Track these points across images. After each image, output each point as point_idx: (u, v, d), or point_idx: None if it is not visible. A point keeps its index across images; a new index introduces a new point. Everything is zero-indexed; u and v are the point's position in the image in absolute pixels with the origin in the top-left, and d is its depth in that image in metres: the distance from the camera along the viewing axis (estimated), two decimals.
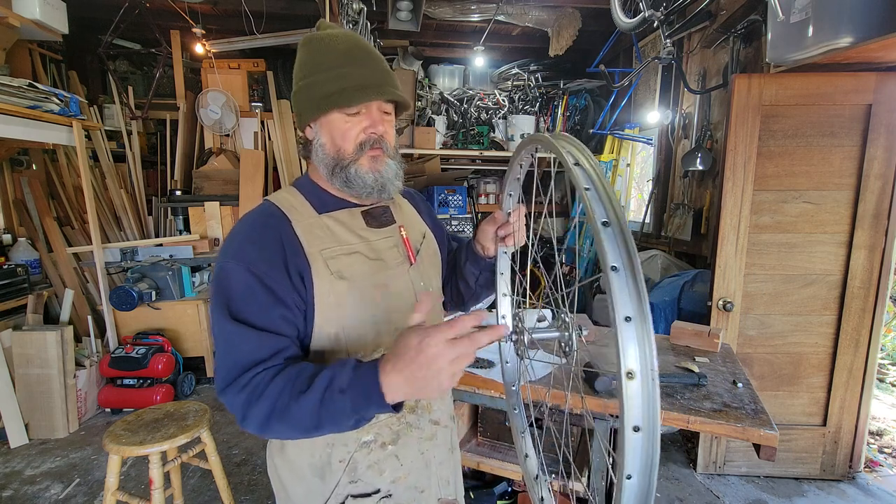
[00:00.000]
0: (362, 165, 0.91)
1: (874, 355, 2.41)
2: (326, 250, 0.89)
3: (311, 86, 0.89)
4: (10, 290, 3.21)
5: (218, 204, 4.34)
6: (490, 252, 1.09)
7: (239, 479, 2.58)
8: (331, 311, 0.88)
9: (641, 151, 4.80)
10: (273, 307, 0.83)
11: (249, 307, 0.82)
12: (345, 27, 3.34)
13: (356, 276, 0.90)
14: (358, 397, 0.71)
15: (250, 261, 0.83)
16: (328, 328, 0.88)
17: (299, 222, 0.90)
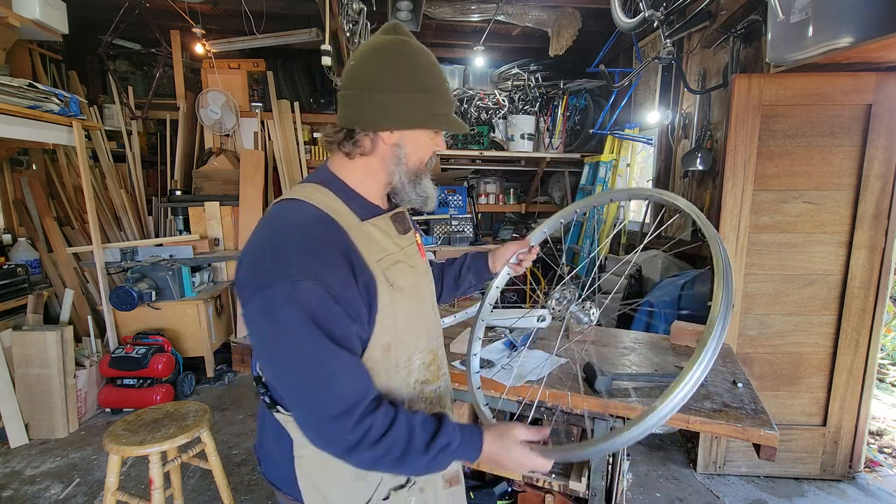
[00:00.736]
0: (426, 178, 0.98)
1: (874, 355, 2.41)
2: (381, 261, 0.89)
3: (421, 100, 0.88)
4: (10, 290, 3.20)
5: (218, 204, 4.34)
6: (497, 269, 1.25)
7: (239, 479, 2.58)
8: (388, 321, 0.89)
9: (641, 151, 4.80)
10: (350, 326, 0.82)
11: (336, 326, 0.79)
12: (344, 27, 3.34)
13: (406, 285, 0.93)
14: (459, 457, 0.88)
15: (321, 277, 0.78)
16: (383, 338, 0.89)
17: (351, 230, 0.86)
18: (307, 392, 0.79)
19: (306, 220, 0.84)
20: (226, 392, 3.66)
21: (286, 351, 0.78)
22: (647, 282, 3.62)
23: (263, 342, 0.82)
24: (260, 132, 4.84)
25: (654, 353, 1.70)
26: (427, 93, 0.88)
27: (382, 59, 0.87)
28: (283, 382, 0.82)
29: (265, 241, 0.84)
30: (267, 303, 0.77)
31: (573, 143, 5.25)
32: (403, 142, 0.91)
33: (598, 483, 1.45)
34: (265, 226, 0.87)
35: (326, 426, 0.79)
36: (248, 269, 0.82)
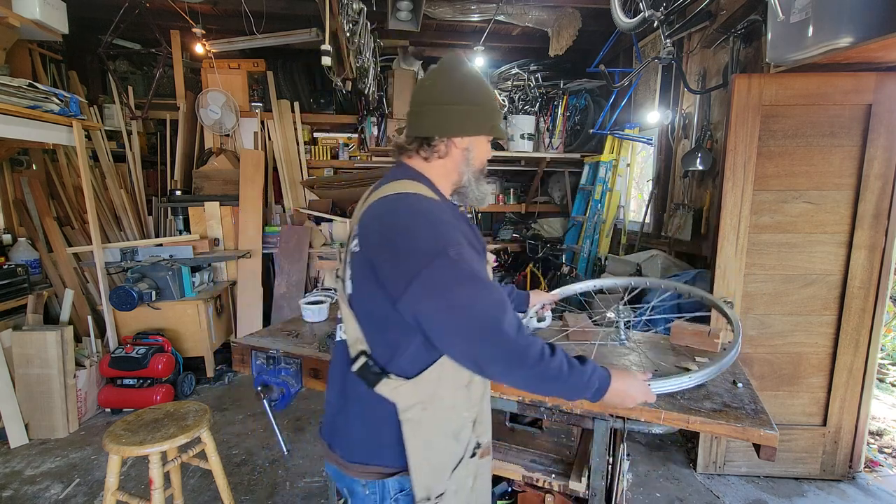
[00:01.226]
0: (484, 180, 1.20)
1: (874, 355, 2.41)
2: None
3: (488, 111, 1.12)
4: (10, 290, 3.20)
5: (218, 204, 4.34)
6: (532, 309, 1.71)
7: (239, 479, 2.58)
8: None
9: (641, 151, 4.80)
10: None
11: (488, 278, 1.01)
12: (344, 27, 3.34)
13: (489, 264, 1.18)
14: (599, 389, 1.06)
15: (470, 242, 1.01)
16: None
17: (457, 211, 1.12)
18: (495, 324, 0.93)
19: (433, 205, 1.04)
20: (226, 392, 3.66)
21: (469, 297, 0.93)
22: None
23: (449, 301, 0.94)
24: (260, 132, 4.85)
25: (655, 353, 1.70)
26: (483, 105, 1.12)
27: (450, 80, 1.11)
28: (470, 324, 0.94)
29: (414, 223, 0.99)
30: (442, 269, 0.94)
31: (573, 143, 5.25)
32: (471, 146, 1.13)
33: (598, 483, 1.45)
34: (403, 212, 1.02)
35: (518, 338, 0.94)
36: (413, 248, 0.96)
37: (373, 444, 1.07)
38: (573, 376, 1.01)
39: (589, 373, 1.04)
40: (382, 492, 1.07)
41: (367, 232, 1.03)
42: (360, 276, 1.04)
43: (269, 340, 1.84)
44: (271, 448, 2.89)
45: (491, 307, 0.95)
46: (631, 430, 1.40)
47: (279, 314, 4.28)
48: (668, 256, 3.68)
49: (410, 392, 1.02)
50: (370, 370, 1.04)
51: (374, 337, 1.05)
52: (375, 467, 1.07)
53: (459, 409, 1.08)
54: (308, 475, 2.63)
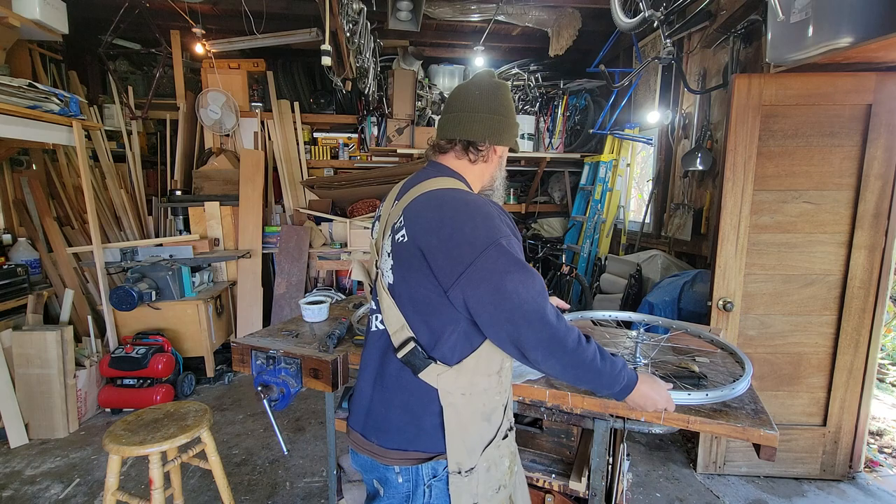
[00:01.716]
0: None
1: (874, 355, 2.41)
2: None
3: (516, 126, 1.28)
4: (10, 290, 3.20)
5: (218, 204, 4.34)
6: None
7: (239, 479, 2.58)
8: None
9: (641, 151, 4.80)
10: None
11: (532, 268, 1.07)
12: (344, 27, 3.34)
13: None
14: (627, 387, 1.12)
15: (515, 234, 1.09)
16: None
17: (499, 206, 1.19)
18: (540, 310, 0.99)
19: (481, 199, 1.12)
20: (226, 392, 3.66)
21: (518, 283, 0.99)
22: (647, 282, 3.62)
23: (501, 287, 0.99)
24: (260, 132, 4.85)
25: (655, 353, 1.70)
26: (515, 120, 1.27)
27: (498, 94, 1.23)
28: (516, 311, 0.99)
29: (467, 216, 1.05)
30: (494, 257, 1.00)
31: (573, 143, 5.25)
32: (503, 154, 1.28)
33: (598, 483, 1.45)
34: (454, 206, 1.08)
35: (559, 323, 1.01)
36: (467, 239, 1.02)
37: (413, 429, 1.12)
38: (606, 367, 1.07)
39: (619, 366, 1.10)
40: (416, 478, 1.12)
41: (417, 223, 1.08)
42: (407, 266, 1.08)
43: (269, 340, 1.84)
44: (271, 448, 2.89)
45: (537, 295, 1.00)
46: (631, 430, 1.40)
47: (279, 314, 4.28)
48: (668, 256, 3.68)
49: (452, 378, 1.09)
50: (418, 356, 1.09)
51: (418, 325, 1.10)
52: (414, 453, 1.12)
53: (492, 393, 1.14)
54: (308, 475, 2.63)
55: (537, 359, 1.03)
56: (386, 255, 1.14)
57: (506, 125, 1.23)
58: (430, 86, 5.49)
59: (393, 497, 1.14)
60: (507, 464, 1.19)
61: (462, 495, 1.11)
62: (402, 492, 1.13)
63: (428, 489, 1.12)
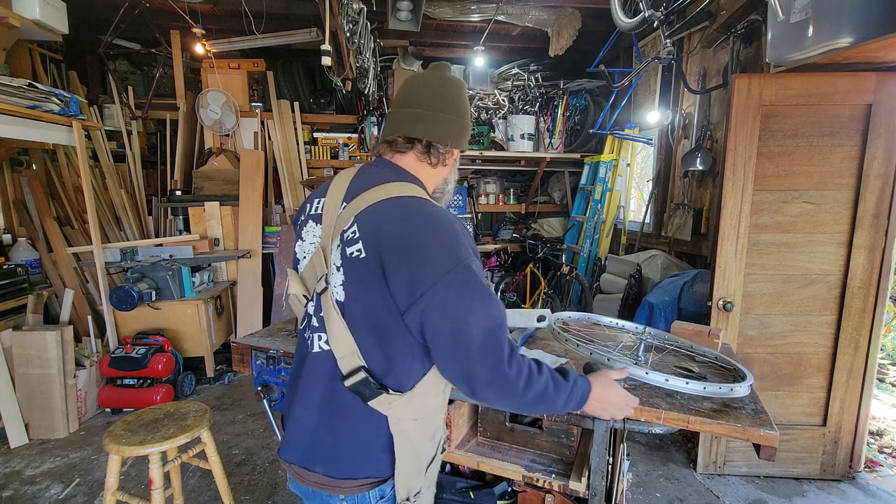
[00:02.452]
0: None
1: (874, 355, 2.41)
2: None
3: (468, 127, 1.20)
4: (10, 290, 3.20)
5: (218, 204, 4.34)
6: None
7: (239, 479, 2.58)
8: None
9: (641, 151, 4.80)
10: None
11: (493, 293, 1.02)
12: (344, 27, 3.34)
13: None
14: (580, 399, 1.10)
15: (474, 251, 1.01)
16: None
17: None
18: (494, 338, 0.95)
19: (447, 214, 1.04)
20: (226, 392, 3.66)
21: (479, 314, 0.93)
22: (647, 282, 3.62)
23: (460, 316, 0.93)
24: (260, 132, 4.85)
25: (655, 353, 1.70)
26: (469, 122, 1.20)
27: (458, 94, 1.15)
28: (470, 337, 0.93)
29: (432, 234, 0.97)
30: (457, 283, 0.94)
31: (573, 143, 5.25)
32: (457, 159, 1.22)
33: (598, 483, 1.45)
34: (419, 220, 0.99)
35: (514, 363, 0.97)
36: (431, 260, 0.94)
37: (363, 456, 1.04)
38: (558, 396, 1.04)
39: (570, 387, 1.06)
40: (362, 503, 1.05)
41: (375, 237, 0.96)
42: (365, 284, 0.97)
43: (269, 340, 1.84)
44: (271, 448, 2.89)
45: (498, 328, 0.95)
46: (631, 430, 1.40)
47: (279, 314, 4.28)
48: (668, 256, 3.68)
49: (405, 405, 1.02)
50: (368, 386, 0.99)
51: (371, 349, 0.99)
52: (363, 480, 1.04)
53: (439, 412, 1.11)
54: None
55: (488, 398, 1.00)
56: (335, 268, 1.02)
57: (465, 127, 1.18)
58: None
59: None
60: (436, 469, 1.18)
61: None
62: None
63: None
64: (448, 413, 1.64)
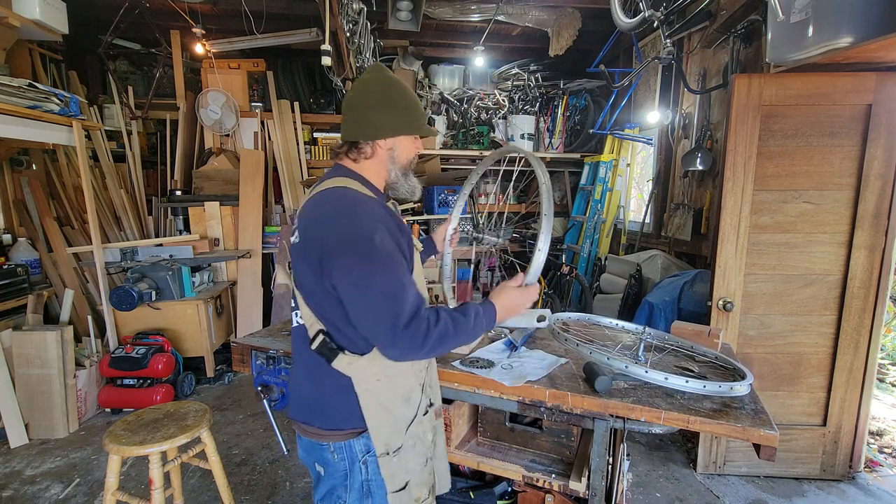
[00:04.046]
0: (411, 174, 1.33)
1: (874, 355, 2.41)
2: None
3: (406, 115, 1.24)
4: (10, 290, 3.20)
5: (218, 204, 4.34)
6: (440, 248, 1.74)
7: (239, 479, 2.58)
8: (416, 270, 1.23)
9: (641, 151, 4.80)
10: (404, 262, 1.13)
11: (400, 261, 1.10)
12: (344, 27, 3.34)
13: (417, 247, 1.30)
14: (488, 320, 1.18)
15: (388, 228, 1.10)
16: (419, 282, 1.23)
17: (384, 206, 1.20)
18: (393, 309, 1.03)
19: (359, 197, 1.15)
20: (226, 392, 3.66)
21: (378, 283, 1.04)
22: (647, 282, 3.62)
23: (359, 282, 1.05)
24: (260, 132, 4.84)
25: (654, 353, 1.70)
26: (404, 109, 1.24)
27: (372, 89, 1.23)
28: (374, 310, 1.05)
29: (338, 213, 1.11)
30: (359, 254, 1.05)
31: (573, 143, 5.25)
32: (395, 146, 1.26)
33: (598, 483, 1.45)
34: (330, 203, 1.14)
35: (408, 328, 1.03)
36: (334, 233, 1.08)
37: (345, 410, 1.17)
38: (460, 333, 1.11)
39: (472, 318, 1.14)
40: (350, 455, 1.18)
41: (303, 220, 1.16)
42: (301, 262, 1.15)
43: (269, 340, 1.84)
44: (271, 448, 2.89)
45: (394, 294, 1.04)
46: (631, 430, 1.40)
47: (279, 314, 4.28)
48: (668, 256, 3.68)
49: (365, 366, 1.15)
50: (327, 346, 1.15)
51: (321, 316, 1.16)
52: (350, 430, 1.18)
53: (408, 375, 1.22)
54: (308, 475, 2.63)
55: (394, 356, 1.09)
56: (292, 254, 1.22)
57: (385, 118, 1.22)
58: (431, 86, 5.49)
59: (333, 476, 1.20)
60: (431, 437, 1.29)
61: (396, 475, 1.19)
62: (339, 469, 1.19)
63: (364, 465, 1.18)
64: (447, 413, 1.64)
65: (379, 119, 1.21)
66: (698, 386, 1.33)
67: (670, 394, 1.39)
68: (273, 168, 4.89)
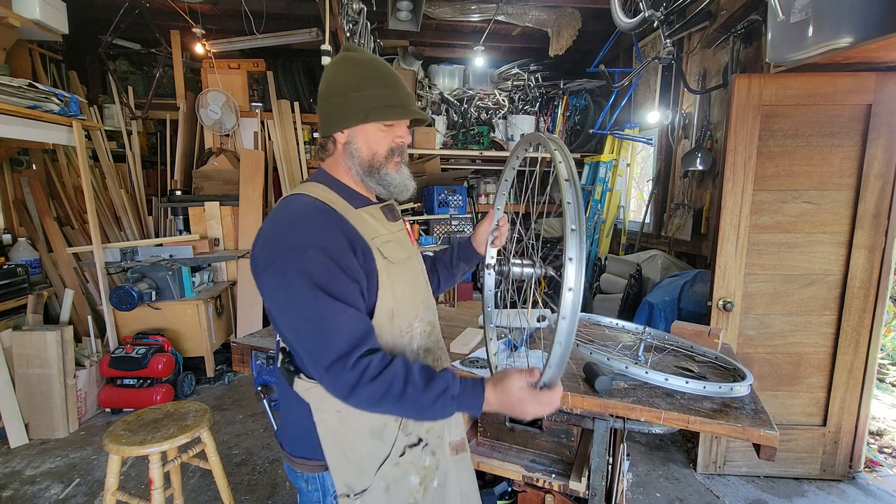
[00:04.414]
0: (390, 169, 1.08)
1: (874, 355, 2.41)
2: (376, 238, 1.04)
3: (356, 99, 1.02)
4: (10, 290, 3.20)
5: (218, 204, 4.34)
6: (482, 251, 1.33)
7: (239, 479, 2.58)
8: (387, 289, 1.03)
9: (641, 151, 4.80)
10: (353, 286, 0.96)
11: (336, 286, 0.92)
12: (344, 27, 3.34)
13: (399, 259, 1.07)
14: (463, 406, 0.94)
15: (323, 246, 0.93)
16: (387, 304, 1.03)
17: (347, 213, 1.03)
18: (314, 342, 0.91)
19: (306, 205, 1.01)
20: (226, 392, 3.66)
21: (297, 309, 0.91)
22: (647, 282, 3.62)
23: (280, 305, 0.94)
24: (260, 132, 4.84)
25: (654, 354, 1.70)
26: (359, 90, 1.02)
27: (327, 76, 1.07)
28: (296, 339, 0.94)
29: (276, 224, 0.99)
30: (280, 272, 0.92)
31: (573, 143, 5.25)
32: (353, 139, 1.06)
33: (598, 483, 1.45)
34: (275, 214, 1.02)
35: (330, 371, 0.90)
36: (263, 247, 0.97)
37: (312, 439, 1.04)
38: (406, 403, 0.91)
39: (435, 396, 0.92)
40: (323, 487, 1.08)
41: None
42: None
43: (269, 340, 1.84)
44: (271, 448, 2.89)
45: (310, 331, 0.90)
46: (631, 430, 1.40)
47: None
48: (668, 256, 3.68)
49: (322, 395, 0.98)
50: (286, 366, 1.06)
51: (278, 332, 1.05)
52: (316, 461, 1.06)
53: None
54: None
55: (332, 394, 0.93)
56: None
57: (335, 108, 1.04)
58: (431, 86, 5.49)
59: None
60: (418, 480, 1.08)
61: None
62: (313, 500, 1.10)
63: (336, 501, 1.06)
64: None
65: (331, 109, 1.04)
66: (698, 387, 1.33)
67: (670, 394, 1.39)
68: (273, 168, 4.89)
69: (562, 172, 0.88)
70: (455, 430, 1.20)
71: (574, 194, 0.86)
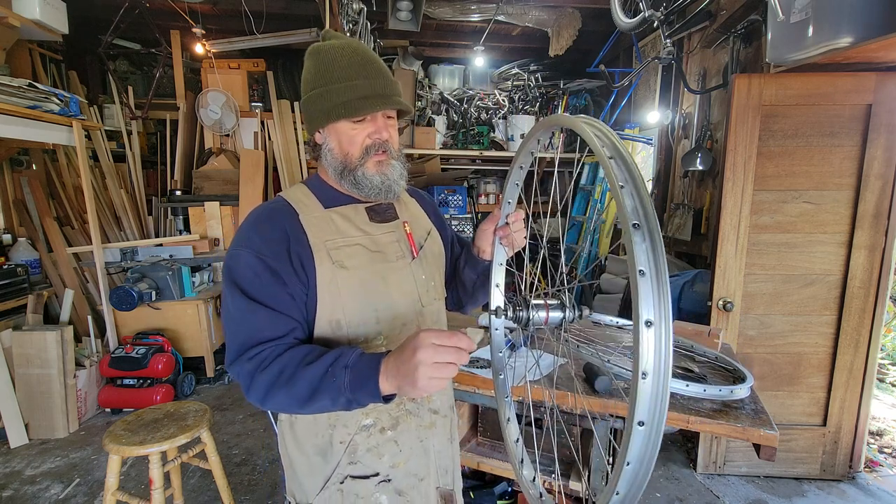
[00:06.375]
0: (369, 168, 0.98)
1: (874, 355, 2.41)
2: (330, 241, 0.96)
3: (321, 96, 0.95)
4: (10, 290, 3.20)
5: (218, 204, 4.34)
6: (487, 255, 1.11)
7: (239, 479, 2.58)
8: (333, 297, 0.94)
9: (641, 151, 4.79)
10: (279, 288, 0.91)
11: (257, 288, 0.90)
12: (344, 27, 3.34)
13: (356, 265, 0.97)
14: (356, 378, 0.79)
15: (257, 247, 0.91)
16: (330, 314, 0.95)
17: (306, 215, 0.97)
18: (228, 339, 0.91)
19: (264, 207, 0.99)
20: (226, 392, 3.66)
21: (223, 307, 0.93)
22: None
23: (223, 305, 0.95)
24: (260, 132, 4.84)
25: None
26: (324, 85, 0.94)
27: (302, 74, 1.00)
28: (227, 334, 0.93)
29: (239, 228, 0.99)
30: (225, 273, 0.94)
31: (573, 143, 5.25)
32: (327, 139, 1.00)
33: (598, 483, 1.45)
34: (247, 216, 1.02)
35: (233, 366, 0.89)
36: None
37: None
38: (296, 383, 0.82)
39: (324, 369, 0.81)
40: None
41: None
42: None
43: None
44: (271, 448, 2.89)
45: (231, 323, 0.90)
46: None
47: None
48: (668, 256, 3.67)
49: None
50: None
51: None
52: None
53: (321, 424, 0.98)
54: None
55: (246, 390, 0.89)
56: None
57: (305, 108, 0.99)
58: (431, 86, 5.48)
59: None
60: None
61: None
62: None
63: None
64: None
65: (305, 110, 1.00)
66: (698, 389, 1.33)
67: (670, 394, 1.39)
68: (273, 168, 4.89)
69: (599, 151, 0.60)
70: (444, 473, 1.08)
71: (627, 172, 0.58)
